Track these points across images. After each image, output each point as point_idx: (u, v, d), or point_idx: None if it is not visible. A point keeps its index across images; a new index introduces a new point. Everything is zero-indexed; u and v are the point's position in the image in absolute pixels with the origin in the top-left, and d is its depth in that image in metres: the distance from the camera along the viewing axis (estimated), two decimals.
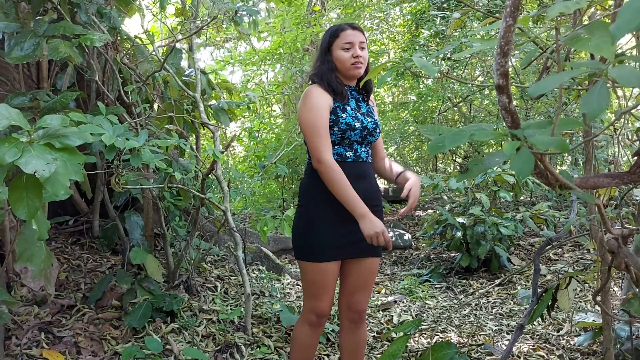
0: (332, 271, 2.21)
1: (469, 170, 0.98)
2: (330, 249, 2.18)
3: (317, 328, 2.31)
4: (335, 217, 2.16)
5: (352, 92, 2.30)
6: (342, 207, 2.12)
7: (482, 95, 7.04)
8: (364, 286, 2.31)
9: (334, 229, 2.17)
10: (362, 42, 2.21)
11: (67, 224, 3.87)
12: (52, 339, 2.69)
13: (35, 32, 2.60)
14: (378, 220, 2.09)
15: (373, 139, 2.29)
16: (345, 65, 2.20)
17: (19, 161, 1.54)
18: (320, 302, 2.23)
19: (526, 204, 6.74)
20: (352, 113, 2.21)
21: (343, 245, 2.19)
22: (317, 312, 2.25)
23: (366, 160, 2.29)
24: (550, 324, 3.45)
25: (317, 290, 2.23)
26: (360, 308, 2.33)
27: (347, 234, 2.17)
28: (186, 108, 3.60)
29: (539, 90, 0.68)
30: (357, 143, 2.23)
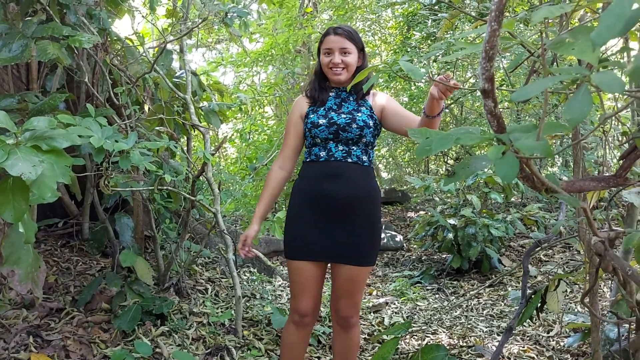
0: (307, 271, 2.21)
1: (455, 173, 0.98)
2: (302, 248, 2.20)
3: (302, 328, 2.30)
4: (310, 218, 2.20)
5: (340, 92, 2.30)
6: (318, 209, 2.17)
7: (473, 97, 7.06)
8: (348, 293, 2.25)
9: (307, 230, 2.20)
10: (345, 48, 2.20)
11: (56, 226, 3.84)
12: (40, 342, 2.67)
13: (24, 33, 2.58)
14: (251, 230, 2.28)
15: (350, 135, 2.18)
16: (325, 69, 2.27)
17: (5, 163, 1.52)
18: (299, 302, 2.25)
19: (517, 205, 6.77)
20: (321, 112, 2.24)
21: (316, 247, 2.19)
22: (297, 311, 2.27)
23: (344, 160, 2.19)
24: (540, 325, 3.46)
25: (295, 288, 2.27)
26: (345, 314, 2.28)
27: (321, 236, 2.18)
28: (177, 110, 3.58)
29: (523, 96, 0.68)
30: (331, 141, 2.21)
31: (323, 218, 2.17)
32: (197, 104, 3.77)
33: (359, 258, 2.20)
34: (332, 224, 2.17)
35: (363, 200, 2.20)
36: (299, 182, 2.29)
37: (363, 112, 2.25)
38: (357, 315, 2.33)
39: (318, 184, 2.18)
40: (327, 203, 2.16)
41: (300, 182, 2.28)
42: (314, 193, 2.19)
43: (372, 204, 2.24)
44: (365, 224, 2.21)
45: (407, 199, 8.79)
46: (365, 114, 2.24)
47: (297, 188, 2.29)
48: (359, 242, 2.20)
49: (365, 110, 2.26)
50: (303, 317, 2.27)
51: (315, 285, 2.25)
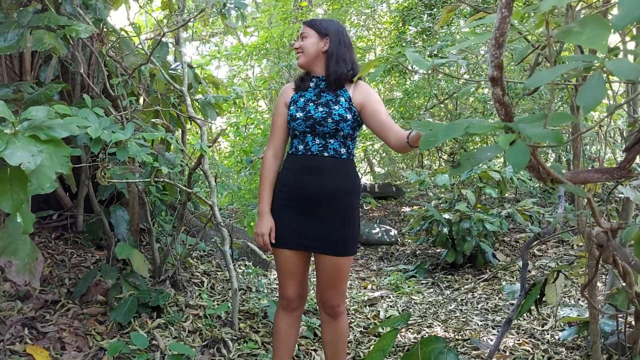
0: (289, 259, 2.27)
1: (461, 164, 0.98)
2: (285, 237, 2.25)
3: (290, 312, 2.36)
4: (291, 209, 2.24)
5: (320, 82, 2.29)
6: (298, 199, 2.22)
7: (467, 92, 7.07)
8: (333, 283, 2.28)
9: (289, 220, 2.24)
10: (303, 34, 2.29)
11: (50, 218, 3.81)
12: (35, 334, 2.66)
13: (19, 22, 2.56)
14: (267, 222, 2.24)
15: (325, 129, 2.19)
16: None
17: (3, 153, 1.51)
18: (285, 288, 2.33)
19: (511, 200, 6.80)
20: (300, 104, 2.26)
21: (297, 236, 2.23)
22: (284, 297, 2.34)
23: (319, 154, 2.21)
24: (535, 318, 3.48)
25: (280, 275, 2.34)
26: (332, 303, 2.31)
27: (302, 226, 2.23)
28: (173, 102, 3.56)
29: (535, 84, 0.68)
30: (308, 134, 2.22)
31: (303, 210, 2.22)
32: (193, 96, 3.76)
33: (340, 249, 2.23)
34: (311, 217, 2.21)
35: (341, 194, 2.22)
36: (282, 172, 2.32)
37: (341, 104, 2.22)
38: (344, 303, 2.37)
39: (297, 177, 2.23)
40: (306, 196, 2.20)
41: (283, 172, 2.31)
42: (293, 185, 2.23)
43: (351, 196, 2.26)
44: (344, 217, 2.23)
45: (401, 194, 8.81)
46: (343, 106, 2.21)
47: (280, 179, 2.32)
48: (339, 233, 2.22)
49: (344, 102, 2.22)
50: (290, 301, 2.34)
51: (299, 272, 2.32)
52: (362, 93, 2.27)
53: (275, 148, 2.35)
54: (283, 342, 2.38)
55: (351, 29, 9.39)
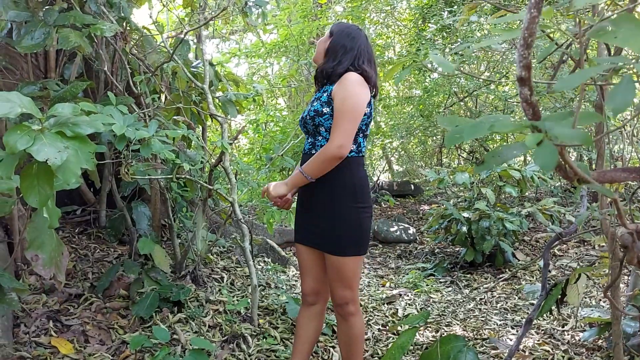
0: (304, 253, 2.36)
1: (485, 162, 0.97)
2: (296, 232, 2.38)
3: (306, 307, 2.42)
4: (299, 206, 2.37)
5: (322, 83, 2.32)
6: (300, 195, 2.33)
7: (488, 90, 7.01)
8: (334, 281, 2.23)
9: (298, 215, 2.37)
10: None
11: (74, 213, 3.88)
12: (60, 327, 2.71)
13: (46, 21, 2.60)
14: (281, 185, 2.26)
15: (308, 127, 2.23)
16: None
17: (31, 149, 1.54)
18: (302, 282, 2.42)
19: (531, 199, 6.73)
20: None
21: (304, 232, 2.33)
22: (302, 291, 2.43)
23: (309, 152, 2.25)
24: (555, 319, 3.45)
25: (299, 269, 2.43)
26: (338, 302, 2.26)
27: (306, 222, 2.32)
28: (194, 99, 3.60)
29: (568, 86, 0.68)
30: (305, 134, 2.32)
31: (305, 208, 2.32)
32: (213, 94, 3.78)
33: (335, 248, 2.18)
34: (309, 214, 2.29)
35: (331, 193, 2.16)
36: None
37: (321, 99, 2.18)
38: (354, 304, 2.27)
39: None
40: (302, 194, 2.31)
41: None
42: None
43: (345, 196, 2.16)
44: (338, 216, 2.16)
45: (419, 192, 8.77)
46: (321, 101, 2.18)
47: None
48: (332, 233, 2.17)
49: (324, 97, 2.18)
50: (306, 296, 2.41)
51: (314, 268, 2.36)
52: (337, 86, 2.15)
53: None
54: (300, 335, 2.42)
55: (370, 26, 9.36)
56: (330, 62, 2.23)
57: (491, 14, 6.25)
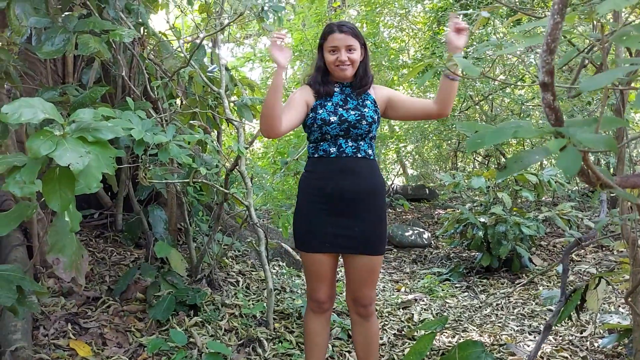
0: (321, 262, 2.28)
1: (507, 167, 0.97)
2: (316, 241, 2.25)
3: (320, 314, 2.38)
4: (321, 212, 2.25)
5: (345, 88, 2.33)
6: (335, 201, 2.22)
7: (504, 93, 6.97)
8: (365, 282, 2.31)
9: (320, 223, 2.24)
10: (350, 46, 2.24)
11: (91, 217, 3.92)
12: (78, 330, 2.74)
13: (66, 27, 2.64)
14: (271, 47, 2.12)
15: (360, 131, 2.24)
16: (331, 67, 2.29)
17: (53, 154, 1.56)
18: (316, 291, 2.33)
19: (548, 204, 6.67)
20: (330, 108, 2.26)
21: (330, 238, 2.24)
22: (315, 299, 2.35)
23: (354, 156, 2.25)
24: (573, 325, 3.41)
25: (310, 278, 2.35)
26: (364, 302, 2.34)
27: (337, 228, 2.23)
28: (210, 104, 3.62)
29: (593, 87, 0.67)
30: (341, 137, 2.25)
31: (335, 212, 2.23)
32: (229, 98, 3.81)
33: (375, 247, 2.27)
34: (344, 218, 2.23)
35: (372, 193, 2.26)
36: (307, 177, 2.32)
37: (369, 107, 2.29)
38: (374, 302, 2.40)
39: (329, 179, 2.23)
40: (340, 198, 2.21)
41: (309, 176, 2.31)
42: (325, 188, 2.22)
43: (381, 195, 2.31)
44: (376, 216, 2.28)
45: (434, 196, 8.73)
46: (370, 109, 2.29)
47: (306, 183, 2.32)
48: (372, 233, 2.26)
49: (370, 104, 2.30)
50: (322, 304, 2.36)
51: (330, 275, 2.34)
52: (382, 92, 2.38)
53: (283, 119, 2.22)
54: (318, 344, 2.40)
55: (384, 30, 9.36)
56: (369, 73, 2.34)
57: (507, 16, 6.22)
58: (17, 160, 1.68)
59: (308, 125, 2.30)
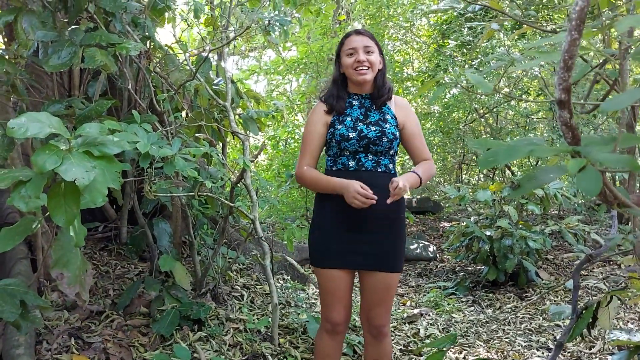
0: (339, 279, 2.22)
1: (521, 186, 0.95)
2: (333, 256, 2.20)
3: (334, 336, 2.31)
4: (340, 227, 2.20)
5: (364, 100, 2.28)
6: (348, 216, 2.16)
7: (509, 106, 6.95)
8: (381, 301, 2.25)
9: (339, 239, 2.19)
10: (368, 47, 2.21)
11: (96, 230, 3.91)
12: (81, 344, 2.71)
13: (72, 40, 2.64)
14: (353, 183, 2.08)
15: (380, 148, 2.20)
16: (349, 70, 2.24)
17: (59, 169, 1.55)
18: (331, 311, 2.25)
19: (554, 217, 6.63)
20: (349, 124, 2.21)
21: (348, 255, 2.19)
22: (330, 321, 2.27)
23: (374, 170, 2.21)
24: (582, 341, 3.36)
25: (326, 297, 2.26)
26: (378, 323, 2.28)
27: (353, 243, 2.19)
28: (215, 117, 3.62)
29: (615, 107, 0.66)
30: (360, 152, 2.21)
31: (354, 227, 2.18)
32: (234, 111, 3.81)
33: (393, 264, 2.23)
34: (364, 233, 2.18)
35: (393, 209, 2.19)
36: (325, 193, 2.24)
37: (390, 122, 2.24)
38: (389, 323, 2.34)
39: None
40: (360, 213, 2.14)
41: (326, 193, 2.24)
42: (344, 203, 2.14)
43: (401, 211, 2.27)
44: (396, 231, 2.24)
45: (439, 209, 8.69)
46: (392, 124, 2.24)
47: (324, 198, 2.25)
48: (391, 249, 2.22)
49: (391, 119, 2.26)
50: (336, 325, 2.28)
51: (347, 293, 2.27)
52: (403, 112, 2.32)
53: (311, 163, 2.27)
54: None
55: (389, 42, 9.39)
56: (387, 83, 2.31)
57: (512, 29, 6.23)
58: (23, 174, 1.67)
59: (328, 140, 2.26)
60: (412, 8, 8.48)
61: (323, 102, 2.30)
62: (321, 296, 2.31)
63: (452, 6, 2.51)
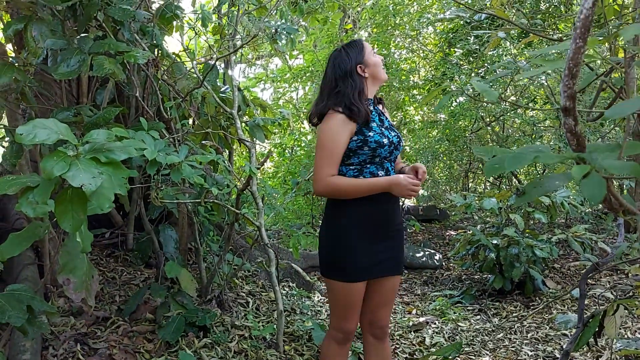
0: (360, 291, 2.21)
1: (526, 193, 0.95)
2: (361, 269, 2.17)
3: (345, 345, 2.32)
4: (369, 237, 2.17)
5: (374, 107, 2.27)
6: (379, 227, 2.17)
7: (515, 114, 6.95)
8: (388, 302, 2.32)
9: (365, 251, 2.16)
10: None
11: (102, 236, 3.92)
12: (87, 350, 2.72)
13: (81, 49, 2.67)
14: (399, 176, 2.09)
15: (397, 152, 2.25)
16: (378, 69, 2.24)
17: (66, 175, 1.56)
18: (348, 322, 2.24)
19: (561, 226, 6.59)
20: (377, 130, 2.17)
21: (372, 265, 2.19)
22: (345, 331, 2.26)
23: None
24: (589, 350, 3.34)
25: (345, 309, 2.22)
26: (383, 323, 2.34)
27: (377, 254, 2.19)
28: (222, 124, 3.64)
29: (619, 114, 0.66)
30: (386, 160, 2.20)
31: (380, 236, 2.19)
32: (241, 118, 3.82)
33: (401, 267, 2.34)
34: (384, 241, 2.21)
35: (401, 215, 2.34)
36: (353, 204, 2.15)
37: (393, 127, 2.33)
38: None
39: (378, 204, 2.15)
40: (386, 222, 2.19)
41: (355, 203, 2.14)
42: (374, 213, 2.15)
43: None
44: (402, 235, 2.34)
45: (445, 217, 8.67)
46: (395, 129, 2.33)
47: (353, 209, 2.16)
48: (402, 252, 2.32)
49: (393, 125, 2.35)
50: (350, 334, 2.28)
51: (361, 302, 2.28)
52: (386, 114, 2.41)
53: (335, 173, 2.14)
54: None
55: (395, 51, 9.41)
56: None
57: (518, 38, 6.23)
58: (30, 180, 1.68)
59: (353, 149, 2.14)
60: (418, 17, 8.50)
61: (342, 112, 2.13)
62: (337, 308, 2.24)
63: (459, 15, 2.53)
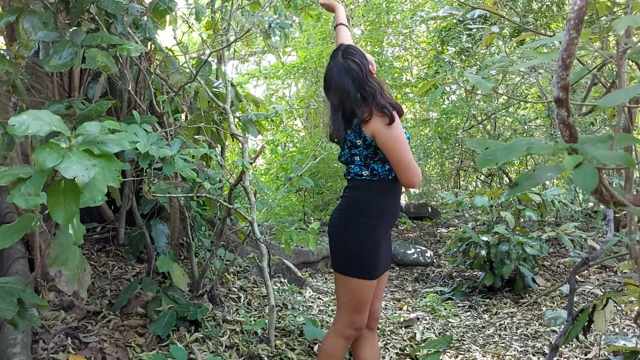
0: (375, 285, 2.28)
1: (518, 184, 0.96)
2: (380, 265, 2.23)
3: (350, 340, 2.34)
4: (387, 234, 2.28)
5: None
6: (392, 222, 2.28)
7: (507, 113, 6.98)
8: (381, 293, 2.45)
9: (385, 245, 2.26)
10: None
11: (93, 230, 3.91)
12: (78, 344, 2.71)
13: (73, 41, 2.65)
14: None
15: None
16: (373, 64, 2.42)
17: (59, 166, 1.55)
18: (362, 316, 2.26)
19: (551, 223, 6.64)
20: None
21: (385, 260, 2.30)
22: (358, 326, 2.27)
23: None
24: (578, 346, 3.37)
25: (361, 305, 2.23)
26: (377, 315, 2.44)
27: (389, 248, 2.35)
28: (215, 119, 3.63)
29: (611, 103, 0.67)
30: None
31: (389, 232, 2.31)
32: (234, 114, 3.82)
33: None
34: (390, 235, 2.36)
35: None
36: (382, 200, 2.17)
37: None
38: None
39: (398, 201, 2.31)
40: (395, 216, 2.31)
41: (384, 200, 2.17)
42: (395, 210, 2.28)
43: None
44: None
45: (437, 215, 8.71)
46: None
47: (381, 206, 2.17)
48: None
49: None
50: (362, 329, 2.31)
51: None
52: None
53: None
54: None
55: (388, 49, 9.43)
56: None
57: (510, 37, 6.27)
58: (23, 172, 1.67)
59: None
60: (411, 15, 8.52)
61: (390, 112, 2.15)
62: (352, 303, 2.22)
63: (452, 13, 2.54)
